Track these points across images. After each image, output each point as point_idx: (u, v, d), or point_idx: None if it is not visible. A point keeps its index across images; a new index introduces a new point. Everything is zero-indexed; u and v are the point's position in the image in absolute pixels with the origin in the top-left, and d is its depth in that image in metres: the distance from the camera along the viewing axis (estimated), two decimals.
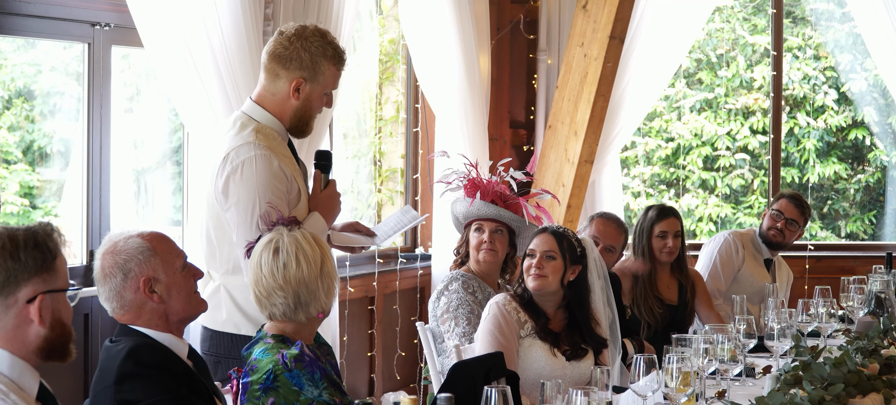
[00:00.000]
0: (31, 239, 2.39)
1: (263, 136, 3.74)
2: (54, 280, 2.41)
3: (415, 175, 6.96)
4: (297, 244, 3.20)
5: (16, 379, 2.37)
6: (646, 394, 3.33)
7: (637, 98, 7.24)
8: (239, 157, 3.69)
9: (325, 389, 3.10)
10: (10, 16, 4.40)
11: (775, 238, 6.12)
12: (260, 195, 3.66)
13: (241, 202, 3.68)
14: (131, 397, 2.81)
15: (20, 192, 5.30)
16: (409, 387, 6.71)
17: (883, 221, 9.79)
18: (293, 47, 3.76)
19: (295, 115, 3.82)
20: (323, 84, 3.81)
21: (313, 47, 3.77)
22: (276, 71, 3.79)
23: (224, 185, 3.71)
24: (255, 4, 4.68)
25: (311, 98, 3.81)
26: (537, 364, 4.09)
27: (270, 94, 3.81)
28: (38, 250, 2.39)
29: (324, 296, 3.22)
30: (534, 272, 4.15)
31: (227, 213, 3.75)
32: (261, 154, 3.68)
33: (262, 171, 3.67)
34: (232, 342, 3.82)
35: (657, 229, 5.53)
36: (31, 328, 2.38)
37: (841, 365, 3.61)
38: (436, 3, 6.26)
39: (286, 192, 3.73)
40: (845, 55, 9.73)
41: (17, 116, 5.27)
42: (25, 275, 2.37)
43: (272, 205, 3.68)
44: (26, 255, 2.37)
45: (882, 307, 4.96)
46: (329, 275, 3.22)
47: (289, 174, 3.74)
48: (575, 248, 4.19)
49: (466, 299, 4.70)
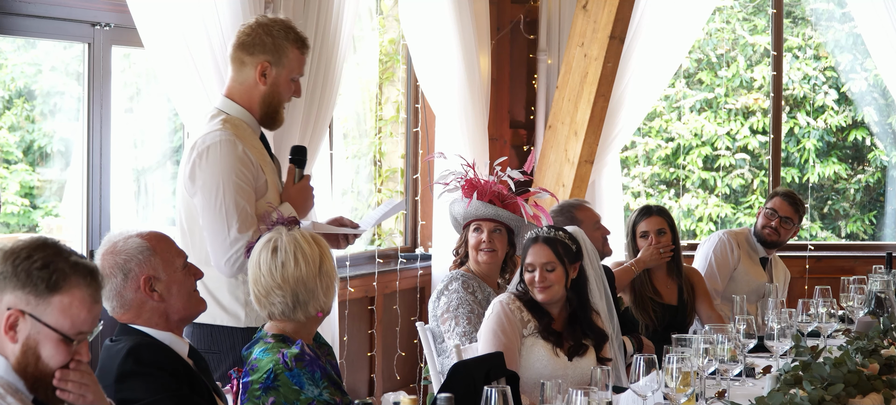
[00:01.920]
0: (40, 257, 2.36)
1: (231, 125, 3.79)
2: (43, 309, 2.35)
3: (415, 175, 6.96)
4: (296, 243, 3.20)
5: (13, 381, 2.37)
6: (646, 394, 3.33)
7: (637, 98, 7.24)
8: (204, 143, 3.75)
9: (325, 388, 3.10)
10: (10, 16, 4.40)
11: (770, 237, 6.12)
12: (224, 179, 3.70)
13: (207, 185, 3.72)
14: (131, 396, 2.82)
15: (20, 192, 5.31)
16: (409, 387, 6.71)
17: (883, 221, 9.80)
18: (256, 33, 3.84)
19: (264, 102, 3.87)
20: (288, 68, 3.87)
21: (275, 31, 3.85)
22: (242, 59, 3.86)
23: (191, 170, 3.76)
24: (255, 4, 4.68)
25: (278, 82, 3.86)
26: (539, 363, 4.10)
27: (238, 84, 3.88)
28: (42, 269, 2.36)
29: (322, 296, 3.21)
30: (538, 286, 4.15)
31: (194, 199, 3.79)
32: (226, 139, 3.73)
33: (227, 154, 3.71)
34: (211, 335, 3.82)
35: (639, 229, 5.53)
36: (6, 344, 2.37)
37: (841, 365, 3.61)
38: (436, 3, 6.26)
39: (253, 179, 3.77)
40: (845, 55, 9.73)
41: (17, 116, 5.27)
42: (10, 284, 2.35)
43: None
44: (18, 266, 2.35)
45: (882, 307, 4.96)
46: (328, 274, 3.22)
47: (255, 161, 3.78)
48: (570, 248, 4.19)
49: (466, 299, 4.70)
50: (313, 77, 5.13)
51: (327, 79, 5.20)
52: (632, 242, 5.57)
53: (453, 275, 4.83)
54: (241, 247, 3.68)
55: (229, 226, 3.69)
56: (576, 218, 5.24)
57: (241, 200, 3.71)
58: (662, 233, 5.49)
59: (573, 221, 5.16)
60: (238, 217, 3.69)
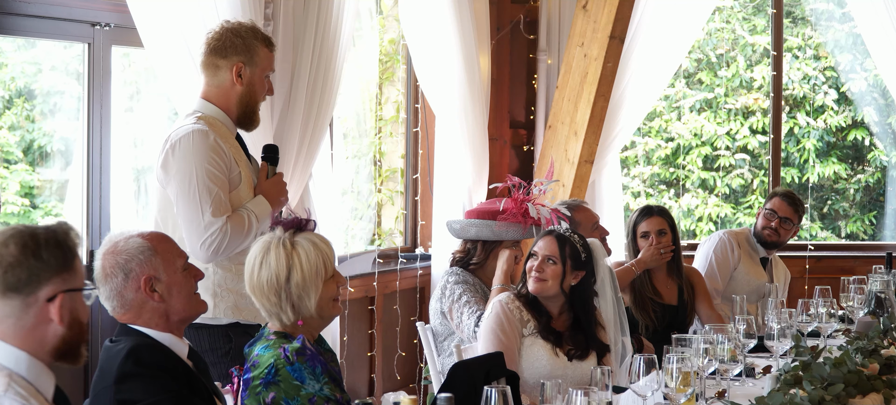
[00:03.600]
0: (52, 237, 2.38)
1: (206, 121, 3.87)
2: (73, 279, 2.41)
3: (415, 175, 6.96)
4: (267, 249, 3.19)
5: (33, 381, 2.37)
6: (646, 394, 3.33)
7: (637, 98, 7.24)
8: (177, 135, 3.83)
9: (326, 384, 3.11)
10: (10, 16, 4.41)
11: (771, 238, 6.12)
12: (197, 166, 3.77)
13: (180, 173, 3.79)
14: (131, 397, 2.81)
15: (21, 192, 5.31)
16: (409, 387, 6.71)
17: (883, 221, 9.79)
18: (226, 36, 3.95)
19: (241, 102, 3.96)
20: (261, 66, 3.98)
21: (244, 32, 3.96)
22: (216, 63, 3.95)
23: (163, 161, 3.84)
24: (255, 4, 4.68)
25: (253, 82, 3.96)
26: (539, 363, 4.10)
27: (214, 87, 3.97)
28: (59, 249, 2.38)
29: (293, 307, 3.18)
30: (534, 275, 4.16)
31: (168, 190, 3.86)
32: (198, 129, 3.81)
33: (199, 142, 3.79)
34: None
35: (640, 229, 5.53)
36: (49, 327, 2.38)
37: (841, 365, 3.61)
38: (436, 3, 6.26)
39: (226, 169, 3.84)
40: (845, 55, 9.73)
41: (17, 116, 5.27)
42: (47, 273, 2.36)
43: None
44: (48, 254, 2.36)
45: (882, 307, 4.96)
46: (299, 285, 3.17)
47: (227, 151, 3.85)
48: (579, 254, 4.19)
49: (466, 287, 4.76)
50: (313, 77, 5.13)
51: (327, 79, 5.20)
52: (632, 243, 5.56)
53: (449, 272, 4.90)
54: (216, 231, 3.75)
55: (203, 210, 3.76)
56: (574, 219, 5.24)
57: (213, 186, 3.78)
58: (663, 233, 5.49)
59: (571, 222, 5.16)
60: (212, 202, 3.76)
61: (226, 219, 3.78)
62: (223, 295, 3.89)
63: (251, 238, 3.81)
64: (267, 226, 3.86)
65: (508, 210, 4.88)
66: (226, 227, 3.77)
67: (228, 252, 3.83)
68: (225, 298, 3.88)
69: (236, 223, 3.81)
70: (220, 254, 3.81)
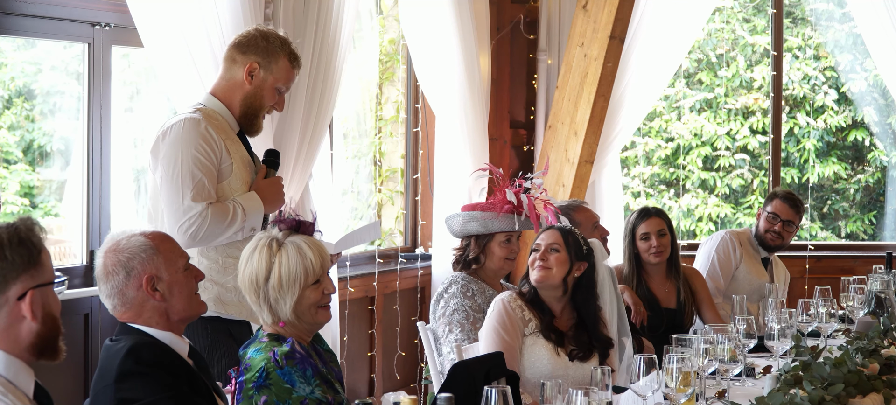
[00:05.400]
0: (15, 236, 2.38)
1: (204, 112, 3.88)
2: (41, 274, 2.41)
3: (415, 175, 6.96)
4: (257, 247, 3.23)
5: (12, 378, 2.37)
6: (646, 394, 3.33)
7: (637, 98, 7.24)
8: (169, 123, 3.84)
9: (317, 386, 3.12)
10: (10, 16, 4.41)
11: (774, 241, 6.10)
12: (183, 151, 3.76)
13: (166, 158, 3.79)
14: (131, 396, 2.81)
15: (20, 192, 5.31)
16: (409, 387, 6.71)
17: (883, 221, 9.80)
18: (253, 37, 3.96)
19: (245, 102, 3.94)
20: (276, 75, 3.95)
21: (272, 38, 3.96)
22: (234, 56, 3.96)
23: (154, 147, 3.85)
24: (255, 4, 4.68)
25: (263, 86, 3.95)
26: (540, 362, 4.09)
27: (224, 81, 3.97)
28: (23, 246, 2.38)
29: (270, 308, 3.22)
30: (538, 264, 4.16)
31: (155, 175, 3.85)
32: (190, 117, 3.82)
33: (189, 130, 3.78)
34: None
35: (639, 231, 5.51)
36: (23, 325, 2.38)
37: (841, 365, 3.61)
38: (436, 3, 6.26)
39: (215, 157, 3.82)
40: (845, 55, 9.73)
41: (17, 116, 5.27)
42: (14, 272, 2.36)
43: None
44: (13, 253, 2.36)
45: (882, 307, 4.96)
46: (275, 288, 3.20)
47: (218, 140, 3.83)
48: (581, 246, 4.20)
49: (463, 305, 4.68)
50: (313, 77, 5.13)
51: (327, 79, 5.20)
52: (631, 245, 5.54)
53: (453, 278, 4.80)
54: (195, 216, 3.74)
55: (183, 194, 3.75)
56: (574, 219, 5.23)
57: (197, 172, 3.77)
58: (663, 233, 5.49)
59: (571, 223, 5.16)
60: (193, 186, 3.75)
61: (206, 206, 3.75)
62: (206, 285, 3.83)
63: (233, 230, 3.79)
64: (257, 223, 3.85)
65: (492, 200, 4.90)
66: (205, 213, 3.74)
67: (208, 240, 3.79)
68: (208, 289, 3.83)
69: (218, 211, 3.77)
70: (199, 241, 3.78)
